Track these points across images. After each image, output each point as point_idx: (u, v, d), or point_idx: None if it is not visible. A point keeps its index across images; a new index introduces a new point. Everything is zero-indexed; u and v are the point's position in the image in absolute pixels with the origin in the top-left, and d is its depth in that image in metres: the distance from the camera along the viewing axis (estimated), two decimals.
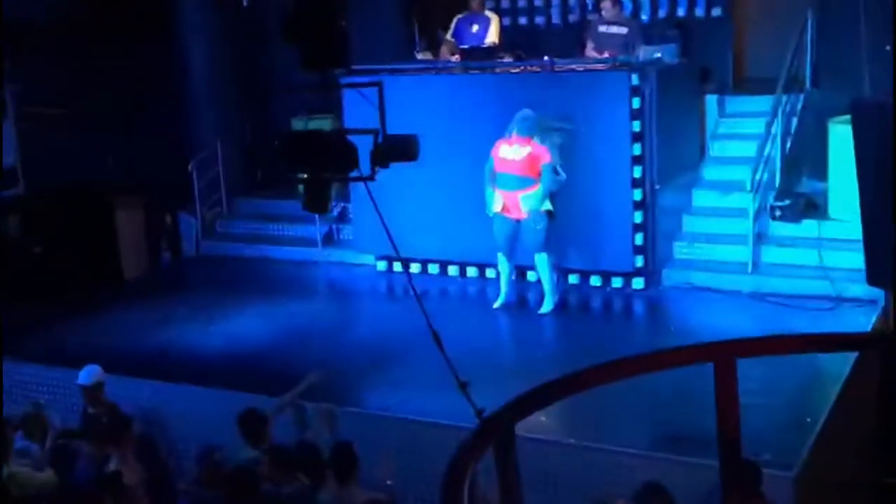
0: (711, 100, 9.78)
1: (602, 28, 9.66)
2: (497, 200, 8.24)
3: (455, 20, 10.37)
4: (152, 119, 11.01)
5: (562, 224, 8.65)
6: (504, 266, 8.43)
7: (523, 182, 8.13)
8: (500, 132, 8.27)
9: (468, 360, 7.38)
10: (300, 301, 9.16)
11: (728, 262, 8.75)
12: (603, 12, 9.60)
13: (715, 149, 9.71)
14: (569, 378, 2.73)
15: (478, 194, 8.40)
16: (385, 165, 4.74)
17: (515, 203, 8.17)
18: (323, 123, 9.74)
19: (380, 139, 4.73)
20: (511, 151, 8.18)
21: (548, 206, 8.19)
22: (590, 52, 9.59)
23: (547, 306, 8.35)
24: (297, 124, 10.70)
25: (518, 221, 8.21)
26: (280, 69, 10.76)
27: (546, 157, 8.09)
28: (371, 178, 4.65)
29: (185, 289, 10.00)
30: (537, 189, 8.14)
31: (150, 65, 10.93)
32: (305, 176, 4.84)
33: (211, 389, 7.04)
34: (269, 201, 11.22)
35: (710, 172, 9.56)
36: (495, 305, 8.51)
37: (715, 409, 2.86)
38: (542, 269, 8.30)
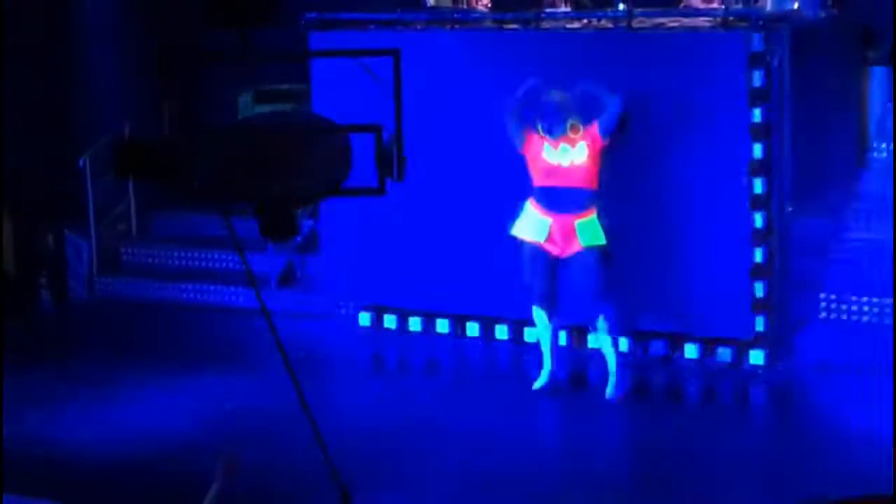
0: (878, 74, 9.68)
1: None
2: (539, 226, 8.12)
3: None
4: (26, 93, 10.94)
5: (641, 265, 8.51)
6: (545, 325, 8.35)
7: (584, 199, 8.05)
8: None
9: (490, 471, 7.43)
10: (239, 373, 9.08)
11: None
12: None
13: (882, 151, 9.57)
14: None
15: (513, 214, 8.30)
16: (399, 177, 4.62)
17: (567, 232, 8.07)
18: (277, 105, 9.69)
19: (387, 135, 4.61)
20: (559, 154, 8.09)
21: (603, 238, 8.07)
22: None
23: (612, 390, 8.25)
24: (244, 105, 10.66)
25: (558, 259, 8.13)
26: None
27: (594, 127, 8.09)
28: (380, 191, 4.51)
29: (65, 350, 9.91)
30: (595, 213, 8.05)
31: (26, 13, 10.87)
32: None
33: None
34: (202, 217, 11.05)
35: (872, 187, 9.39)
36: (536, 386, 8.42)
37: None
38: (602, 333, 8.21)
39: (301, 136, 4.58)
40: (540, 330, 8.38)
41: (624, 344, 8.56)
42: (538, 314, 8.31)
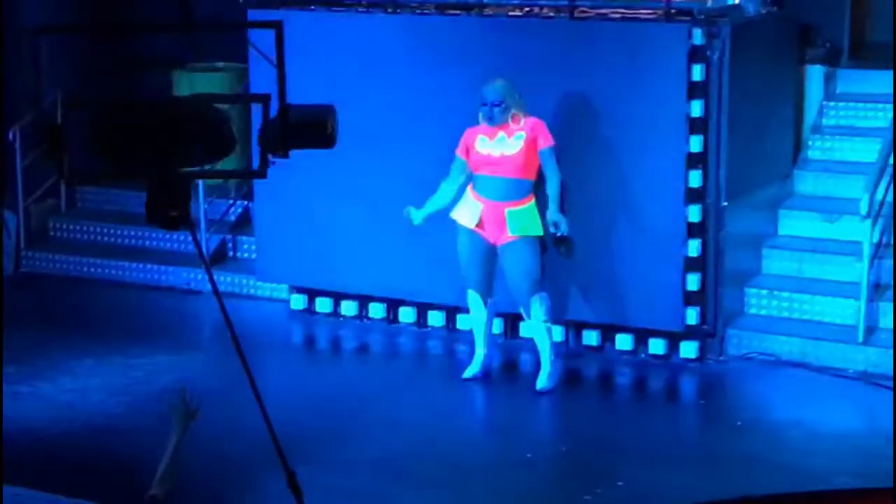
0: (815, 73, 9.75)
1: None
2: (471, 211, 8.16)
3: None
4: None
5: (576, 254, 8.55)
6: (479, 312, 8.37)
7: (515, 188, 8.07)
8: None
9: (417, 458, 7.38)
10: (169, 353, 9.08)
11: (829, 323, 8.73)
12: None
13: (816, 149, 9.67)
14: None
15: (453, 203, 8.31)
16: (284, 153, 4.49)
17: (497, 220, 8.09)
18: (211, 81, 9.63)
19: (276, 111, 4.47)
20: (495, 144, 8.10)
21: (538, 229, 8.09)
22: None
23: (544, 380, 8.27)
24: (182, 81, 10.59)
25: (495, 246, 8.14)
26: None
27: (546, 136, 8.06)
28: (260, 173, 4.44)
29: None
30: (531, 202, 8.06)
31: None
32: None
33: (18, 490, 6.83)
34: (133, 193, 11.03)
35: (807, 184, 9.53)
36: (466, 375, 8.44)
37: None
38: (536, 323, 8.21)
39: (181, 110, 4.45)
40: (474, 316, 8.39)
41: (557, 333, 8.59)
42: (473, 299, 8.33)
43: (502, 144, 8.08)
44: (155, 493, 5.90)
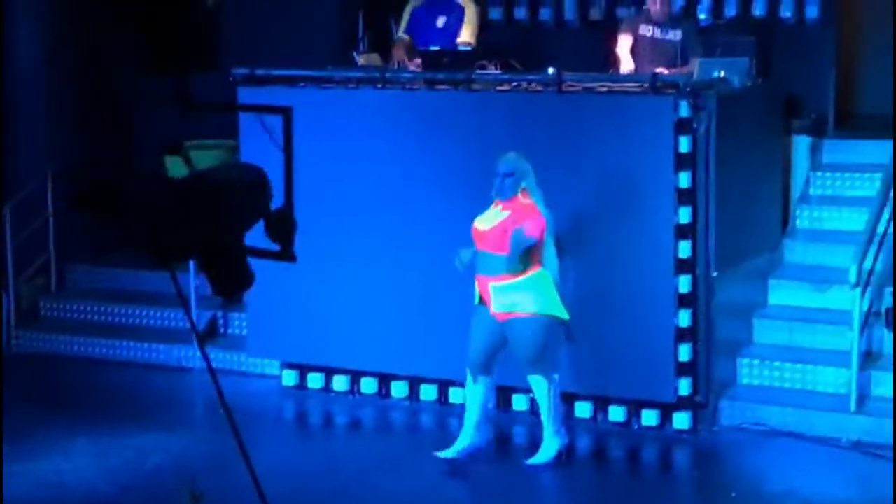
0: (801, 143, 9.89)
1: (645, 31, 9.83)
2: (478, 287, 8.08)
3: (410, 8, 10.41)
4: None
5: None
6: (473, 391, 8.18)
7: (495, 264, 7.86)
8: (477, 181, 8.22)
9: None
10: (161, 431, 9.05)
11: (821, 393, 8.74)
12: (650, 6, 9.78)
13: (804, 218, 9.78)
14: None
15: (445, 275, 8.34)
16: (289, 244, 4.61)
17: (488, 296, 7.97)
18: (206, 157, 9.62)
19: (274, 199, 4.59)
20: (486, 217, 7.99)
21: (531, 306, 7.88)
22: (624, 60, 9.77)
23: (543, 454, 8.16)
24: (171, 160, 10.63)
25: (502, 323, 8.00)
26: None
27: (533, 226, 7.81)
28: (291, 256, 4.55)
29: None
30: (521, 279, 7.85)
31: None
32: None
33: None
34: (123, 271, 11.13)
35: (795, 254, 9.61)
36: (442, 455, 8.19)
37: None
38: (540, 398, 8.13)
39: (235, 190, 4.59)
40: (468, 394, 8.23)
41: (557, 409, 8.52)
42: (468, 375, 8.18)
43: (492, 218, 7.94)
44: None
